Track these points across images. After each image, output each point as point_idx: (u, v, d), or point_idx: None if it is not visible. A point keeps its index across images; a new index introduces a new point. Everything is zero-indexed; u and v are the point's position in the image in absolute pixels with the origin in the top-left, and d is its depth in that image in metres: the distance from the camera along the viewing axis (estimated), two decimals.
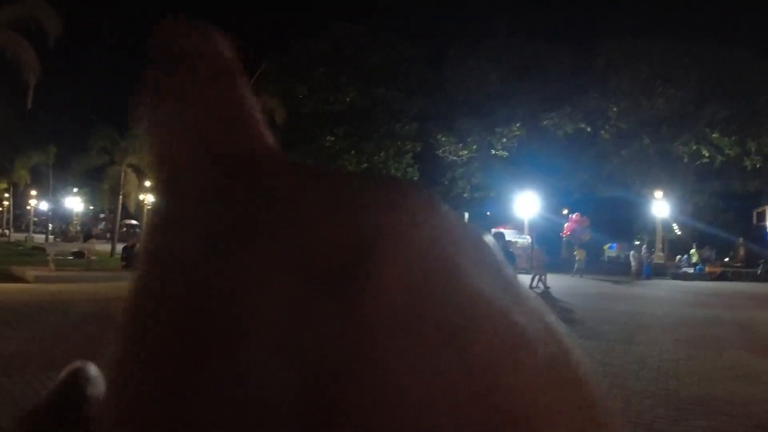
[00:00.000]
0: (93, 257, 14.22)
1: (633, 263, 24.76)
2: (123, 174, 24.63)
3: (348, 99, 27.94)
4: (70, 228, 42.61)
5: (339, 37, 30.51)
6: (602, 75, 26.34)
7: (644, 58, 25.60)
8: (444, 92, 29.64)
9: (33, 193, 42.31)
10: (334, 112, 28.49)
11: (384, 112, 28.90)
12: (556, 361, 0.11)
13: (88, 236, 22.52)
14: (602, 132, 26.31)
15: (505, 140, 27.03)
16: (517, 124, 26.55)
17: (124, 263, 13.51)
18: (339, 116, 28.49)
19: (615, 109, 25.61)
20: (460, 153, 27.44)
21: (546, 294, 15.03)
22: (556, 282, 19.39)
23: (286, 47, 30.26)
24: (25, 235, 35.16)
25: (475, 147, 27.34)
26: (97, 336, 5.41)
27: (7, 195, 39.34)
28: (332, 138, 27.82)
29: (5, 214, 42.49)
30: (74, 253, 15.57)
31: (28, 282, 11.73)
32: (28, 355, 5.75)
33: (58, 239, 31.11)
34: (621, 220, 31.83)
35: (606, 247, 34.04)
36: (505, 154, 27.68)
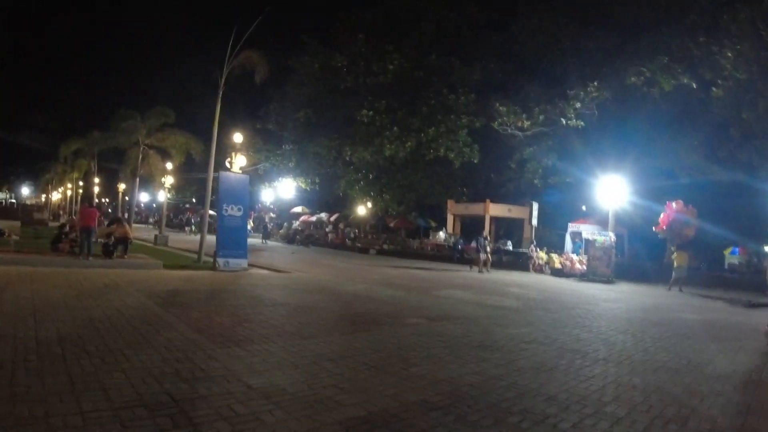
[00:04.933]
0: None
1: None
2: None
3: (391, 67, 25.36)
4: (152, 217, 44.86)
5: (393, 5, 28.37)
6: (710, 10, 20.69)
7: None
8: (508, 58, 25.78)
9: (122, 186, 44.76)
10: (375, 84, 26.12)
11: (436, 83, 25.88)
12: None
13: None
14: (714, 89, 20.53)
15: (579, 105, 22.42)
16: (594, 83, 21.69)
17: None
18: (381, 89, 26.06)
19: (730, 55, 19.84)
20: (524, 125, 23.31)
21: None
22: (636, 297, 14.80)
23: (330, 20, 28.71)
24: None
25: (542, 117, 23.14)
26: None
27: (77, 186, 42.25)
28: (370, 113, 25.29)
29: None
30: None
31: None
32: None
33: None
34: (747, 214, 24.14)
35: (727, 251, 26.90)
36: (581, 124, 23.06)
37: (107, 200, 51.57)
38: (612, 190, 21.99)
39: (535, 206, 26.16)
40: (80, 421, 3.56)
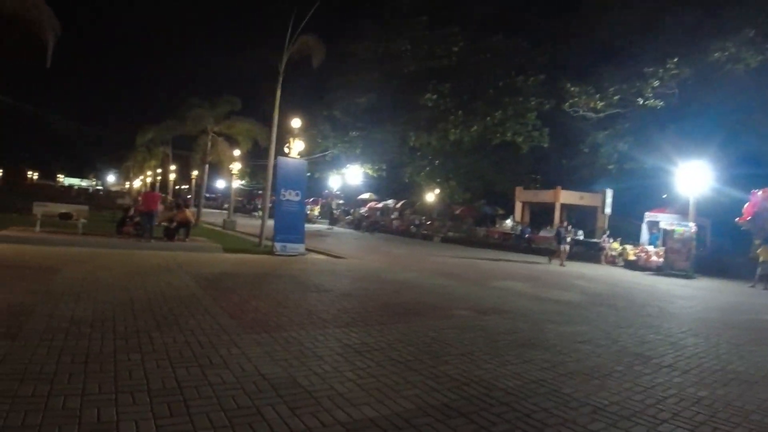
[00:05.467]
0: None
1: None
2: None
3: (456, 49, 24.44)
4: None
5: None
6: None
7: None
8: (579, 36, 24.07)
9: (194, 173, 46.64)
10: (439, 67, 25.32)
11: (503, 64, 24.69)
12: None
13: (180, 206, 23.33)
14: None
15: (657, 84, 20.49)
16: (674, 60, 19.76)
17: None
18: (445, 72, 25.24)
19: None
20: (596, 106, 21.69)
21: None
22: (716, 295, 13.33)
23: (393, 3, 28.11)
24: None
25: (617, 98, 21.40)
26: None
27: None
28: (434, 96, 24.56)
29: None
30: None
31: None
32: None
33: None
34: None
35: None
36: (660, 103, 21.14)
37: (185, 187, 54.45)
38: (693, 177, 19.91)
39: (609, 193, 24.43)
40: (78, 402, 3.46)
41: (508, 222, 34.36)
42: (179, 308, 6.68)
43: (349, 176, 42.61)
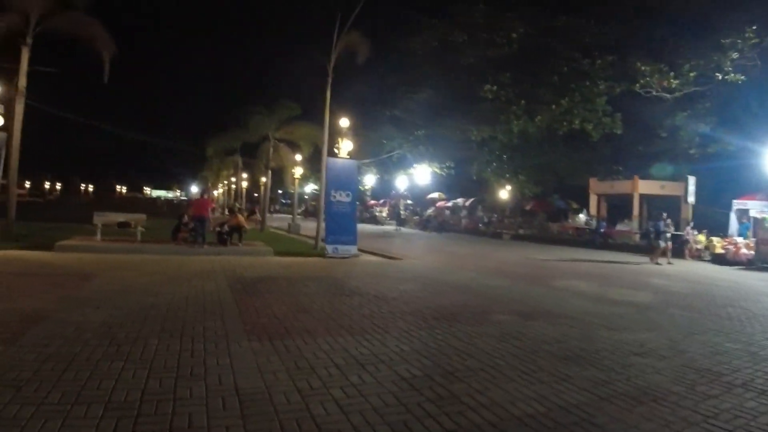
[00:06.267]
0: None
1: None
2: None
3: (515, 36, 23.04)
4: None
5: None
6: None
7: None
8: (648, 10, 21.85)
9: (262, 179, 47.92)
10: (498, 57, 23.99)
11: (567, 48, 22.98)
12: None
13: (251, 212, 23.91)
14: None
15: (736, 56, 18.10)
16: (753, 27, 17.42)
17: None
18: (505, 60, 23.87)
19: None
20: (671, 85, 19.57)
21: None
22: None
23: None
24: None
25: (693, 74, 19.18)
26: None
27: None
28: (494, 88, 23.28)
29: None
30: None
31: None
32: None
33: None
34: None
35: None
36: (742, 78, 18.76)
37: (256, 195, 56.29)
38: None
39: (692, 181, 21.97)
40: (31, 411, 3.23)
41: (581, 216, 32.15)
42: (195, 314, 6.39)
43: (417, 176, 41.99)
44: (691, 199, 22.18)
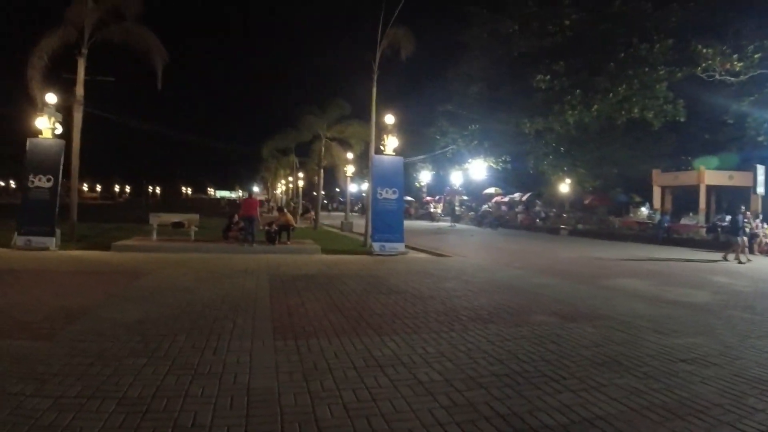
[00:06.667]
0: None
1: None
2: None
3: (568, 23, 22.04)
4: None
5: None
6: None
7: None
8: None
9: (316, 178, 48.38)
10: (551, 45, 23.05)
11: (624, 33, 21.73)
12: None
13: (305, 210, 24.36)
14: None
15: None
16: None
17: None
18: (558, 49, 22.89)
19: None
20: (735, 68, 18.07)
21: None
22: None
23: None
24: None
25: (758, 56, 17.63)
26: None
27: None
28: (546, 77, 22.38)
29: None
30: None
31: None
32: None
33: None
34: None
35: None
36: None
37: (314, 193, 57.41)
38: None
39: (761, 170, 20.20)
40: (48, 404, 3.37)
41: (643, 210, 30.43)
42: (228, 311, 6.51)
43: (473, 171, 41.28)
44: (761, 189, 20.44)
